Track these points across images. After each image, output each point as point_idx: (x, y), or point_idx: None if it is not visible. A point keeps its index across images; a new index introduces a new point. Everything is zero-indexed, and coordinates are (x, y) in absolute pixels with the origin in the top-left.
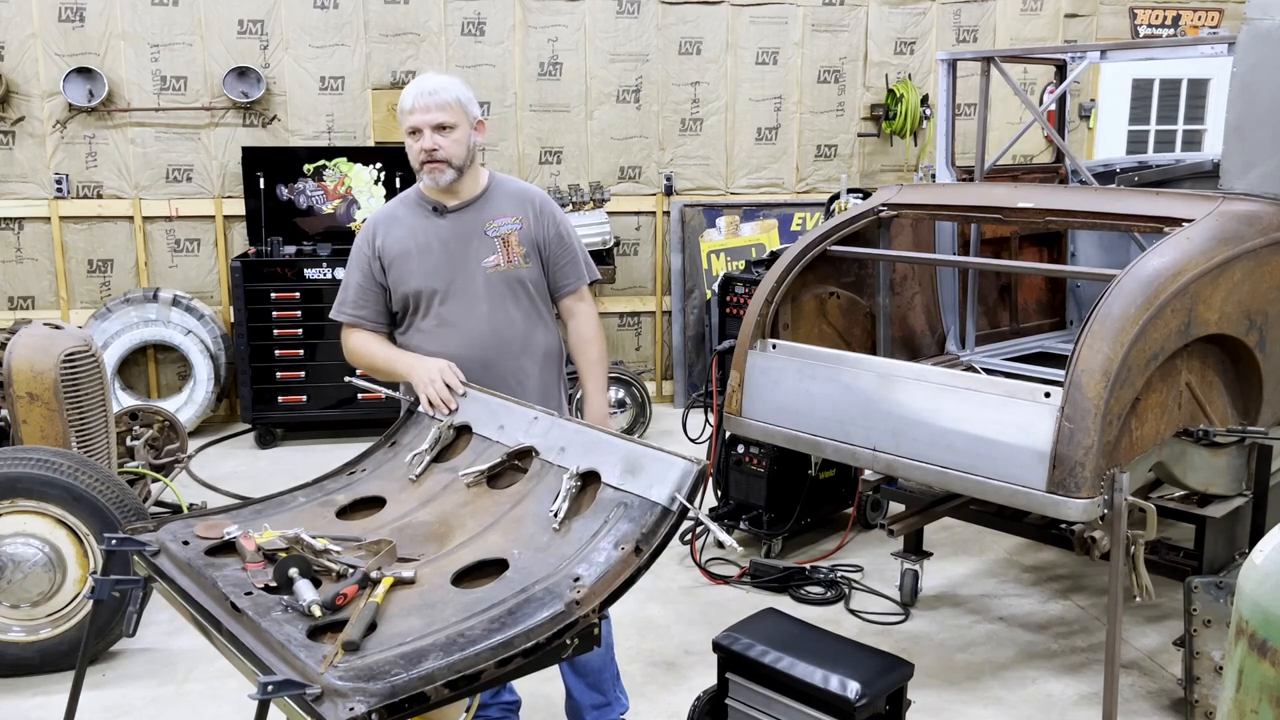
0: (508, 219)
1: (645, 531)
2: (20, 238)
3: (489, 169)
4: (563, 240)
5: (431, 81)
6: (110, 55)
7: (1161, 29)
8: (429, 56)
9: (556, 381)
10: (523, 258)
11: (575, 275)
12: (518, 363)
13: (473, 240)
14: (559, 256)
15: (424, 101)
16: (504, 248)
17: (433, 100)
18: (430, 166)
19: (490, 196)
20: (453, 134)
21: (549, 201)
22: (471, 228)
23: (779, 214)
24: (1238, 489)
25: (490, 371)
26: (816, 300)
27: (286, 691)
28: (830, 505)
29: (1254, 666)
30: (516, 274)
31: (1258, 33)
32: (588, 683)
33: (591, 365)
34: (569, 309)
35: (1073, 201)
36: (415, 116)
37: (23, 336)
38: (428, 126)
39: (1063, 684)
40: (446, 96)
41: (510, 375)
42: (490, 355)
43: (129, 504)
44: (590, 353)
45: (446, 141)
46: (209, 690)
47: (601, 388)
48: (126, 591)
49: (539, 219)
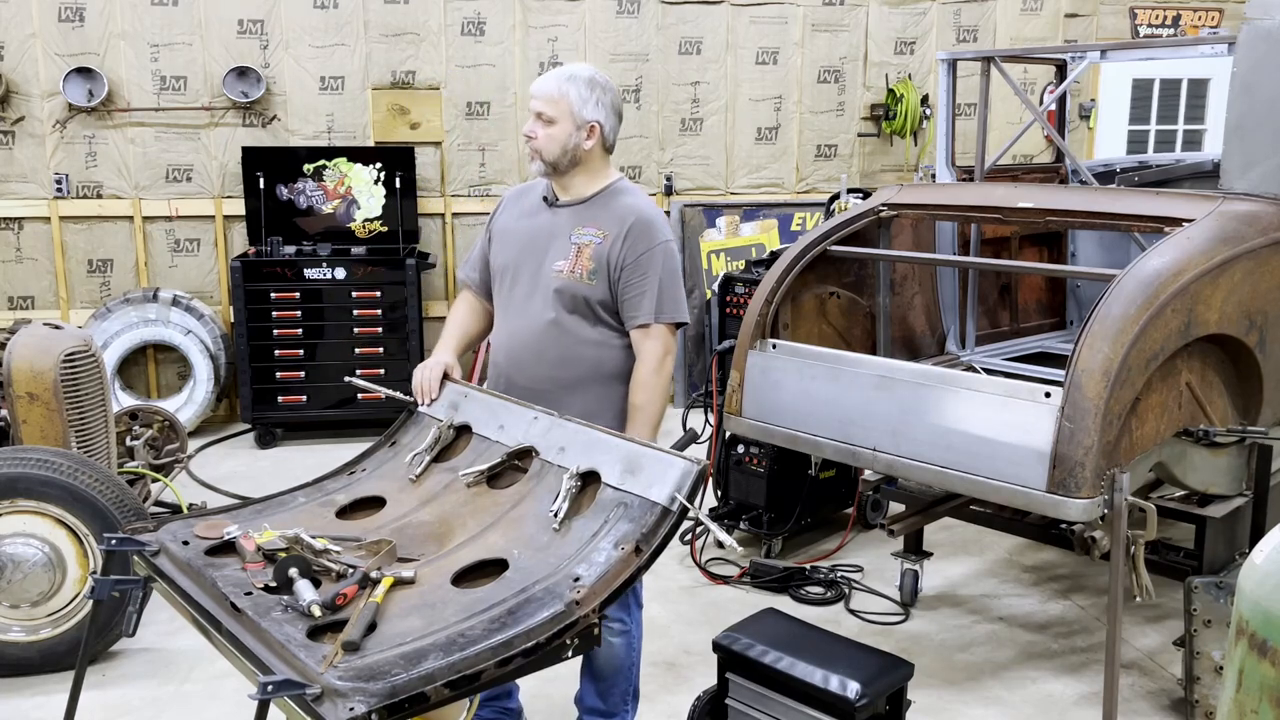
0: (594, 230)
1: (645, 531)
2: (20, 238)
3: (624, 179)
4: (640, 268)
5: (565, 70)
6: (110, 55)
7: (1161, 29)
8: (429, 56)
9: (612, 406)
10: (589, 273)
11: (643, 310)
12: (552, 373)
13: (557, 240)
14: (629, 285)
15: (541, 87)
16: (575, 257)
17: (544, 88)
18: (530, 151)
19: (598, 203)
20: (550, 128)
21: (650, 228)
22: (563, 228)
23: (779, 214)
24: (1238, 489)
25: (524, 373)
26: (816, 300)
27: (286, 691)
28: (830, 505)
29: (1254, 666)
30: (576, 287)
31: (1258, 33)
32: (597, 688)
33: (634, 410)
34: (635, 343)
35: (1073, 201)
36: (532, 101)
37: (23, 336)
38: (533, 113)
39: (1063, 684)
40: (555, 90)
41: (544, 382)
42: (526, 358)
43: (129, 504)
44: (637, 396)
45: (542, 133)
46: (209, 690)
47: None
48: (126, 591)
49: (623, 240)
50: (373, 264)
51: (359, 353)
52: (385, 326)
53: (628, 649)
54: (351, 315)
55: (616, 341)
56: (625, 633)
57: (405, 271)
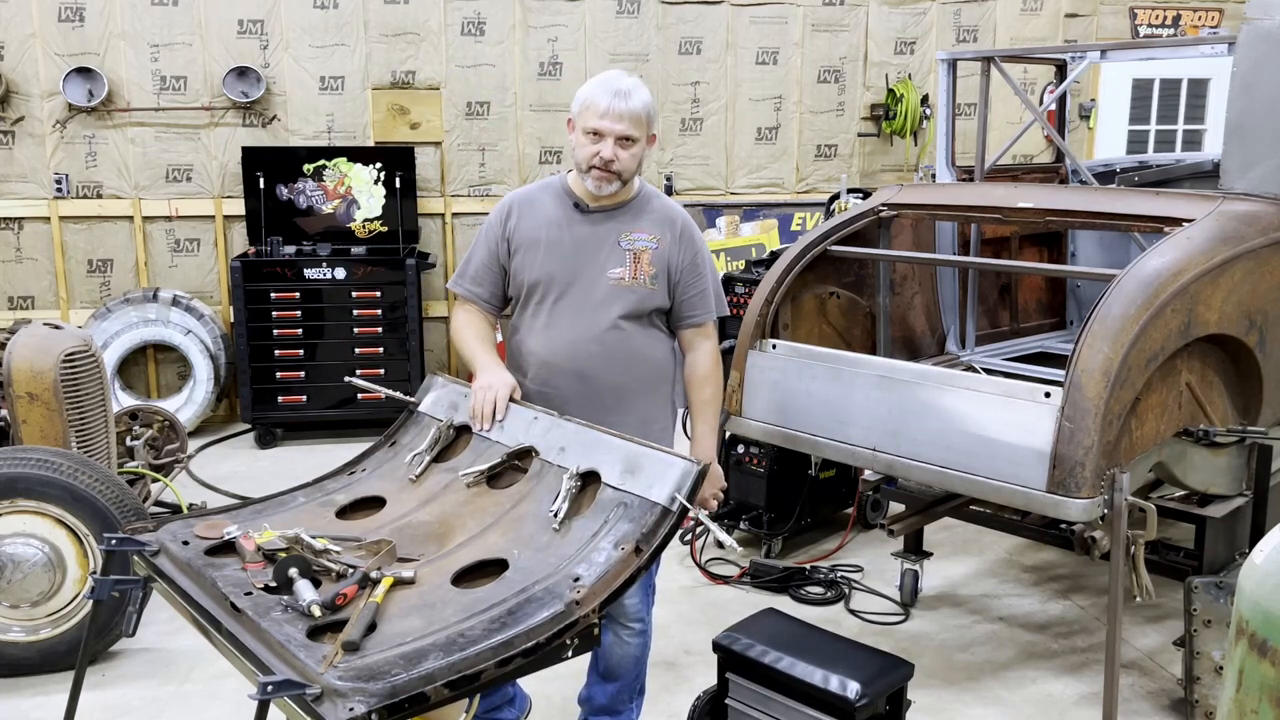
0: (645, 235)
1: (645, 531)
2: (20, 238)
3: (640, 177)
4: (697, 269)
5: (624, 82)
6: (110, 55)
7: (1161, 29)
8: (429, 56)
9: (665, 406)
10: (650, 278)
11: (703, 308)
12: (619, 380)
13: (605, 246)
14: (689, 285)
15: (618, 108)
16: (634, 263)
17: (626, 109)
18: (600, 174)
19: (636, 207)
20: (633, 148)
21: (692, 226)
22: (608, 234)
23: (779, 214)
24: (1238, 489)
25: (588, 384)
26: (816, 300)
27: (286, 691)
28: (830, 505)
29: (1254, 666)
30: (639, 292)
31: (1258, 33)
32: (607, 689)
33: (704, 404)
34: (690, 341)
35: (1073, 201)
36: (606, 122)
37: (23, 336)
38: (614, 136)
39: (1063, 684)
40: (639, 108)
41: (609, 392)
42: (592, 367)
43: (129, 504)
44: (705, 391)
45: (626, 155)
46: (209, 690)
47: (712, 429)
48: (126, 591)
49: (677, 242)
50: (373, 264)
51: (359, 353)
52: (385, 326)
53: (644, 649)
54: (351, 315)
55: (666, 342)
56: (644, 633)
57: (405, 271)
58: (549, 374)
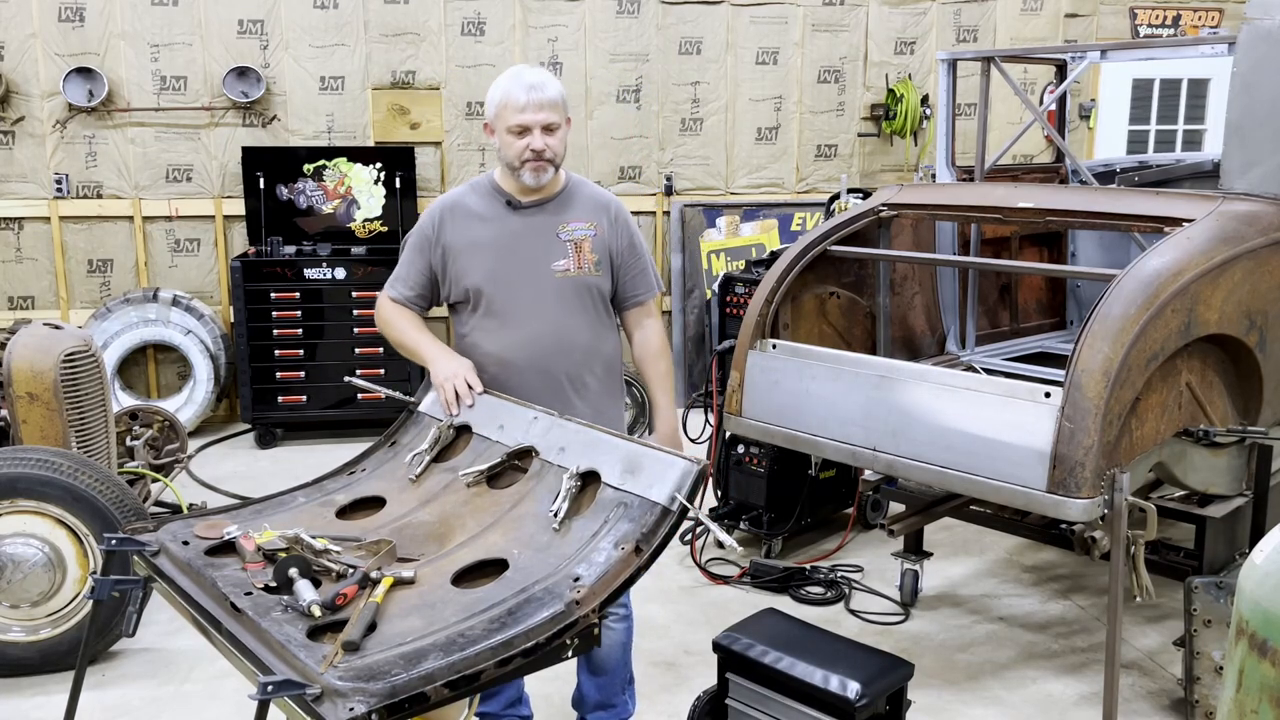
0: (582, 224)
1: (645, 531)
2: (20, 238)
3: (565, 169)
4: (635, 250)
5: (534, 75)
6: (110, 55)
7: (1161, 29)
8: (429, 56)
9: (617, 392)
10: (594, 265)
11: (645, 287)
12: (577, 371)
13: (545, 240)
14: (630, 267)
15: (535, 98)
16: (576, 253)
17: (544, 98)
18: (535, 165)
19: (567, 198)
20: (559, 133)
21: (624, 210)
22: (545, 228)
23: (779, 214)
24: (1238, 489)
25: (547, 377)
26: (816, 300)
27: (286, 691)
28: (830, 505)
29: (1254, 666)
30: (586, 281)
31: (1258, 33)
32: (597, 682)
33: (661, 378)
34: (636, 321)
35: (1073, 201)
36: (526, 115)
37: (23, 336)
38: (538, 126)
39: (1063, 684)
40: (554, 94)
41: (568, 383)
42: (550, 360)
43: (129, 504)
44: (660, 366)
45: (554, 140)
46: (209, 690)
47: (671, 400)
48: (126, 591)
49: (614, 226)
50: (373, 264)
51: (359, 353)
52: None
53: (628, 633)
54: (351, 315)
55: (613, 325)
56: (626, 618)
57: None
58: (508, 373)
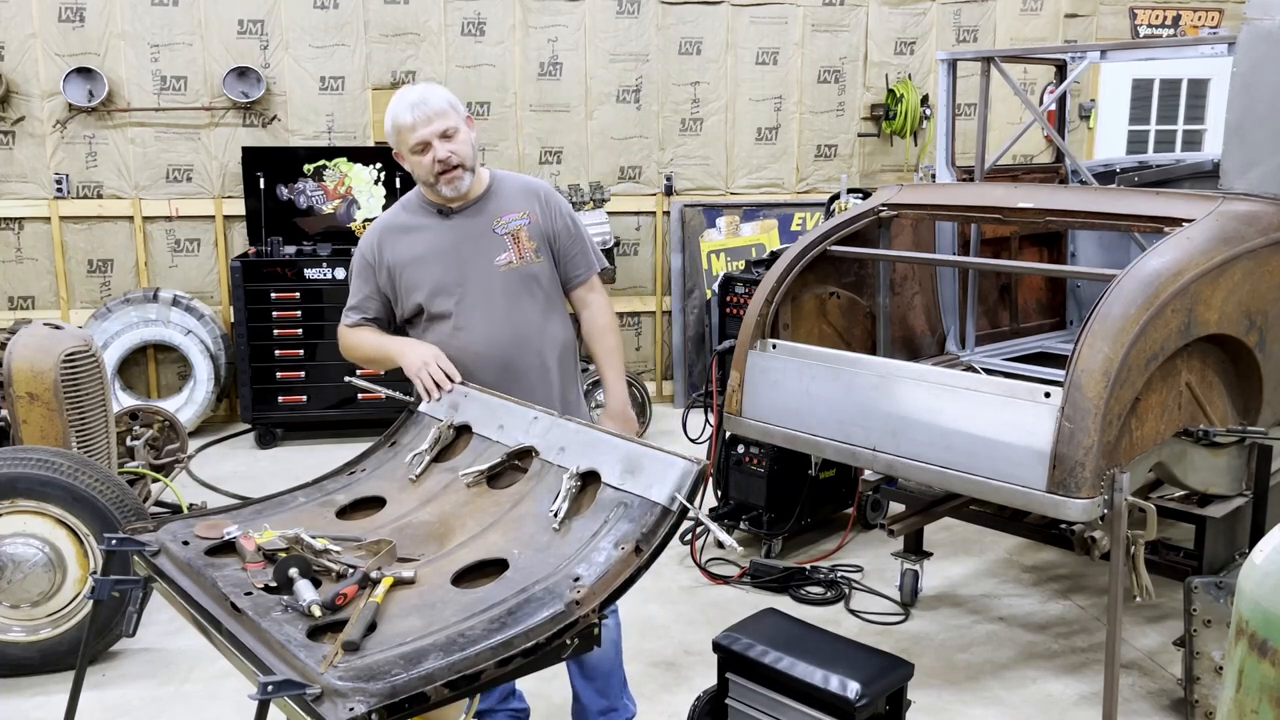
0: (515, 215)
1: (645, 531)
2: (20, 238)
3: (488, 166)
4: (571, 231)
5: (415, 93)
6: (110, 55)
7: (1161, 29)
8: (429, 56)
9: (574, 374)
10: (534, 252)
11: (586, 265)
12: (539, 359)
13: (482, 240)
14: (569, 248)
15: (423, 113)
16: (515, 244)
17: (430, 110)
18: (448, 176)
19: (494, 193)
20: (458, 136)
21: (554, 193)
22: (480, 227)
23: (779, 214)
24: (1238, 489)
25: (511, 370)
26: (816, 300)
27: (286, 691)
28: (830, 505)
29: (1254, 666)
30: (530, 269)
31: (1258, 33)
32: (595, 687)
33: (609, 353)
34: (582, 299)
35: (1073, 201)
36: (419, 132)
37: (23, 336)
38: (435, 138)
39: (1063, 684)
40: (439, 103)
41: (532, 371)
42: (511, 354)
43: (129, 504)
44: (608, 341)
45: (457, 145)
46: (209, 690)
47: (621, 375)
48: (126, 591)
49: (546, 211)
50: None
51: None
52: None
53: (617, 629)
54: None
55: (561, 309)
56: (614, 612)
57: None
58: (471, 374)
